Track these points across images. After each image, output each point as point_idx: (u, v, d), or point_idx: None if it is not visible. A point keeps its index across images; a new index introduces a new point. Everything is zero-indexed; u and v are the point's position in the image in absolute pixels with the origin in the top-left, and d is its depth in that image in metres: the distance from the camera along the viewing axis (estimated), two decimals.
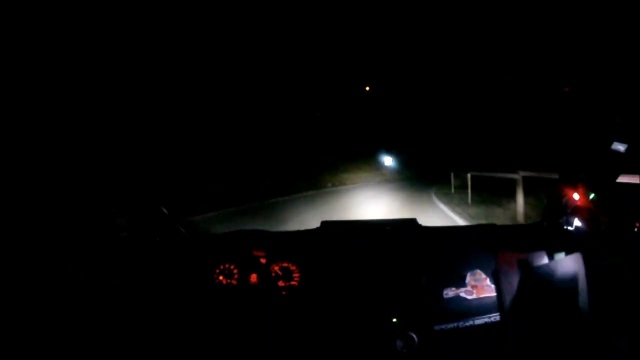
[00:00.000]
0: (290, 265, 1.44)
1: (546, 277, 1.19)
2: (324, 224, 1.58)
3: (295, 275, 1.42)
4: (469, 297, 1.28)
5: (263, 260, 1.45)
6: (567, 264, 1.18)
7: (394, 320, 1.25)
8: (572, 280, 1.13)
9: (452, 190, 10.64)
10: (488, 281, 1.30)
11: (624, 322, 0.99)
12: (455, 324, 1.21)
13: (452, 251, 1.42)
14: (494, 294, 1.28)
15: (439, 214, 7.49)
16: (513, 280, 1.21)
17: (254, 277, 1.42)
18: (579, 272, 1.14)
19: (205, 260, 1.46)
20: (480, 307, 1.25)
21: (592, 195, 1.28)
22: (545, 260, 1.26)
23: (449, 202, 8.82)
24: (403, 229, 1.55)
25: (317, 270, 1.41)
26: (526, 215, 5.20)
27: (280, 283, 1.41)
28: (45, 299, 1.25)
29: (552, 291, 1.15)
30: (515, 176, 5.40)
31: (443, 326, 1.21)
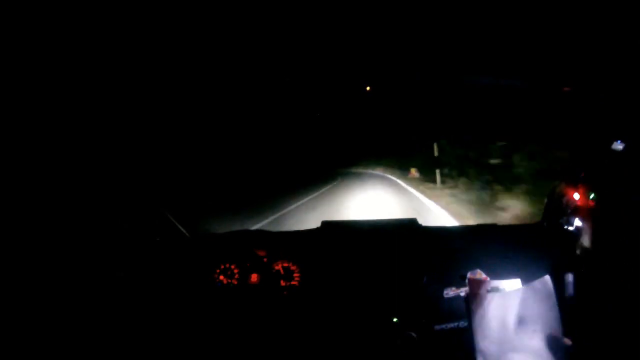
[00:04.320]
0: (290, 265, 1.44)
1: (519, 302, 1.20)
2: (325, 224, 1.58)
3: (296, 275, 1.42)
4: None
5: (264, 260, 1.45)
6: (537, 287, 1.20)
7: (395, 319, 1.25)
8: (543, 303, 1.16)
9: None
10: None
11: (624, 322, 0.99)
12: (456, 324, 1.21)
13: (453, 251, 1.42)
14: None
15: None
16: (484, 307, 1.20)
17: (254, 277, 1.42)
18: (549, 295, 1.18)
19: (206, 260, 1.46)
20: None
21: (592, 195, 1.28)
22: (517, 284, 1.26)
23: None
24: (403, 229, 1.55)
25: (318, 270, 1.42)
26: None
27: (281, 283, 1.42)
28: (45, 299, 1.26)
29: (522, 316, 1.16)
30: None
31: (443, 326, 1.21)
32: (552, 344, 1.10)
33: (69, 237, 1.39)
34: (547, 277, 1.22)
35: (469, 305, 1.20)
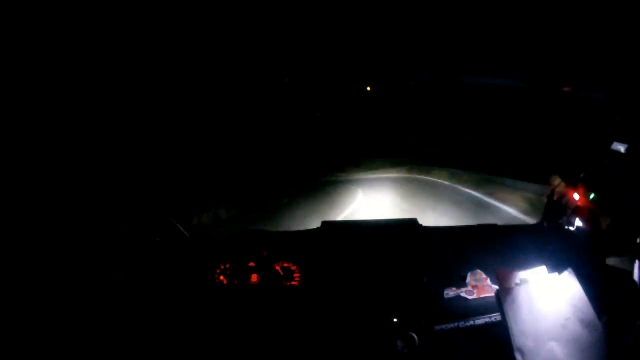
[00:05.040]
0: (290, 265, 1.44)
1: (546, 291, 1.19)
2: (325, 224, 1.58)
3: (296, 275, 1.42)
4: (470, 297, 1.28)
5: (264, 261, 1.45)
6: (564, 278, 1.18)
7: (395, 320, 1.25)
8: (571, 290, 1.14)
9: None
10: (489, 281, 1.31)
11: (625, 321, 0.99)
12: (456, 324, 1.21)
13: (453, 251, 1.42)
14: (494, 293, 1.28)
15: None
16: (515, 300, 1.18)
17: (254, 277, 1.42)
18: (574, 286, 1.16)
19: (206, 261, 1.46)
20: (481, 307, 1.25)
21: (592, 195, 1.28)
22: (543, 272, 1.24)
23: None
24: (403, 229, 1.55)
25: (318, 270, 1.42)
26: None
27: (281, 283, 1.42)
28: (46, 299, 1.26)
29: (552, 305, 1.14)
30: None
31: (444, 326, 1.21)
32: (588, 327, 1.08)
33: (69, 237, 1.39)
34: (570, 271, 1.18)
35: (501, 303, 1.17)
